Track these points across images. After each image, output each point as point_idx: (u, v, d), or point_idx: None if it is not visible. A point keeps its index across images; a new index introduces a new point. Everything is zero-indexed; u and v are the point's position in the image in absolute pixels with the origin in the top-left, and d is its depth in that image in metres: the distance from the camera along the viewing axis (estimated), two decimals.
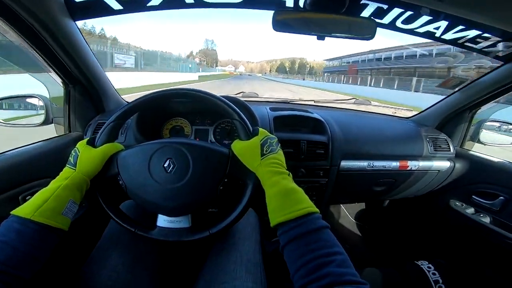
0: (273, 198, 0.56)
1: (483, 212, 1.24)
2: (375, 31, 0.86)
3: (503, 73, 1.03)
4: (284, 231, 0.51)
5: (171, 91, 0.73)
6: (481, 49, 0.93)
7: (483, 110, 1.27)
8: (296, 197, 0.54)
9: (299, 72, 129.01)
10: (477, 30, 0.85)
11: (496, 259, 1.20)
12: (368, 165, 1.18)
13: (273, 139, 0.67)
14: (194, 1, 0.90)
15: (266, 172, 0.59)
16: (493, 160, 1.24)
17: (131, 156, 0.67)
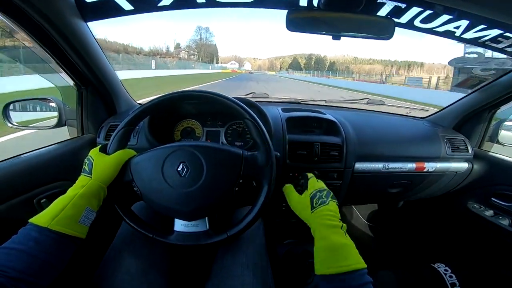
0: (321, 251, 0.58)
1: (502, 215, 1.21)
2: (393, 30, 0.85)
3: None
4: (328, 282, 0.53)
5: (180, 93, 0.73)
6: (503, 48, 0.91)
7: (502, 110, 1.24)
8: (344, 253, 0.56)
9: (317, 69, 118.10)
10: (499, 29, 0.83)
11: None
12: (383, 167, 1.16)
13: (323, 191, 0.71)
14: (206, 1, 0.90)
15: (317, 225, 0.63)
16: (510, 159, 1.22)
17: (144, 161, 0.68)
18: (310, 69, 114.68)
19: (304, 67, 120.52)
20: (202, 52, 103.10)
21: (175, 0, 0.89)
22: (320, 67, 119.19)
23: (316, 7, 0.87)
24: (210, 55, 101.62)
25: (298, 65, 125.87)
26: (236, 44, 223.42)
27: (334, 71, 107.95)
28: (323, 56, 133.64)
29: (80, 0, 0.84)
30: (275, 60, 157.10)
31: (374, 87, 26.30)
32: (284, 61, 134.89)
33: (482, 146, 1.33)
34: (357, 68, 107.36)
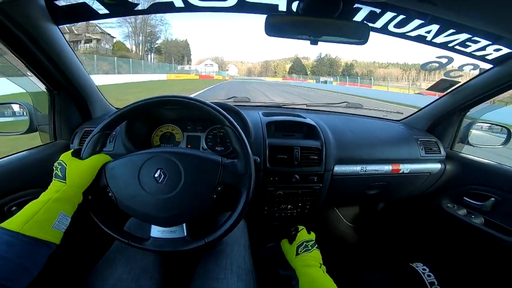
0: (304, 285, 0.71)
1: (475, 213, 1.23)
2: (368, 35, 0.85)
3: (493, 76, 1.03)
4: None
5: (159, 98, 0.71)
6: (471, 52, 0.93)
7: (472, 112, 1.27)
8: (324, 283, 0.69)
9: (330, 73, 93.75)
10: (467, 33, 0.84)
11: (489, 259, 1.20)
12: (361, 169, 1.16)
13: (310, 241, 0.86)
14: (184, 5, 0.87)
15: (300, 266, 0.78)
16: (483, 161, 1.25)
17: (119, 167, 0.66)
18: (320, 73, 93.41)
19: (312, 71, 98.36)
20: (170, 52, 77.89)
21: (153, 4, 0.86)
22: (334, 71, 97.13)
23: (295, 12, 0.87)
24: (180, 56, 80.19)
25: (303, 69, 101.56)
26: (218, 45, 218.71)
27: (352, 76, 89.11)
28: (335, 57, 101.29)
29: (51, 4, 0.79)
30: (265, 63, 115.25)
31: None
32: (278, 65, 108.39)
33: (454, 147, 1.35)
34: (381, 73, 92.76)
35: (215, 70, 78.02)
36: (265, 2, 0.87)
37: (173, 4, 0.86)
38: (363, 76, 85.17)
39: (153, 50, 69.15)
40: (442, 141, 1.32)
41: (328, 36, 0.88)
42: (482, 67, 1.06)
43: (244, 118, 1.05)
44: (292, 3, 0.85)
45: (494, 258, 1.17)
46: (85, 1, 0.81)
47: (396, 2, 0.74)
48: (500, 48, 0.89)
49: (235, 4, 0.87)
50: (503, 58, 0.94)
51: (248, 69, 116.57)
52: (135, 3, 0.83)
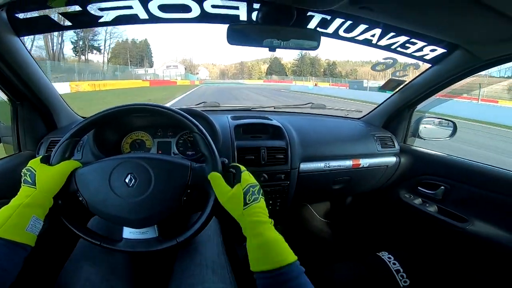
0: (255, 249, 0.57)
1: (429, 202, 1.33)
2: (319, 40, 0.91)
3: (432, 74, 1.15)
4: (264, 277, 0.54)
5: (127, 106, 0.72)
6: (411, 53, 1.03)
7: (419, 108, 1.39)
8: (277, 249, 0.56)
9: (313, 74, 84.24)
10: (405, 36, 0.93)
11: (446, 245, 1.29)
12: (324, 165, 1.23)
13: (255, 186, 0.67)
14: (149, 17, 0.89)
15: (249, 222, 0.61)
16: (432, 153, 1.36)
17: (90, 173, 0.67)
18: (302, 73, 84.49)
19: (292, 71, 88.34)
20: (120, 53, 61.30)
21: (117, 16, 0.87)
22: (316, 71, 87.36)
23: (255, 21, 0.92)
24: (139, 57, 65.64)
25: (282, 69, 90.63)
26: (186, 46, 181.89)
27: (335, 76, 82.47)
28: (315, 55, 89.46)
29: (13, 16, 0.79)
30: (239, 65, 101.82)
31: None
32: (255, 66, 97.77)
33: (407, 141, 1.47)
34: (358, 71, 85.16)
35: (181, 73, 59.79)
36: (227, 13, 0.92)
37: (137, 16, 0.88)
38: (347, 75, 79.98)
39: (89, 49, 52.19)
40: (396, 135, 1.43)
41: (285, 42, 0.93)
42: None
43: (212, 122, 1.08)
44: (252, 13, 0.90)
45: (450, 243, 1.26)
46: (47, 14, 0.81)
47: (341, 9, 0.81)
48: (435, 49, 1.00)
49: (198, 15, 0.91)
50: (439, 58, 1.05)
51: (221, 71, 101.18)
52: (98, 15, 0.84)
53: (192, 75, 65.31)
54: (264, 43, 0.94)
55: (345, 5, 0.74)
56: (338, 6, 0.74)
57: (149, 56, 68.47)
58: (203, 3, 0.85)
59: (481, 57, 0.94)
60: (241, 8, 0.89)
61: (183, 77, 51.61)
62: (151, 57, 70.32)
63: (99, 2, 0.80)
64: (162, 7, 0.85)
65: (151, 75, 42.74)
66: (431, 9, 0.73)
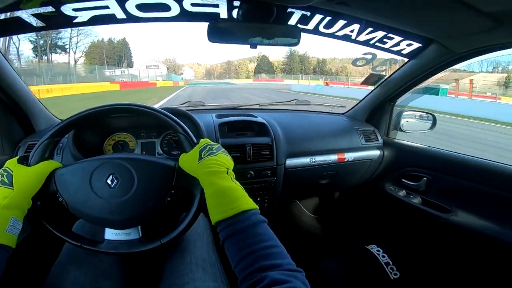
0: (210, 198, 0.56)
1: (413, 193, 1.37)
2: (300, 36, 0.93)
3: (409, 68, 1.18)
4: (223, 228, 0.52)
5: (108, 106, 0.71)
6: (389, 48, 1.06)
7: (401, 101, 1.42)
8: (233, 195, 0.55)
9: (302, 71, 79.55)
10: (382, 31, 0.96)
11: (432, 235, 1.32)
12: (310, 160, 1.25)
13: (214, 145, 0.67)
14: (127, 16, 0.87)
15: (203, 174, 0.60)
16: (414, 145, 1.40)
17: (70, 173, 0.65)
18: (292, 71, 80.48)
19: (281, 69, 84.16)
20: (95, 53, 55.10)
21: (93, 16, 0.85)
22: (306, 69, 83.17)
23: (236, 18, 0.92)
24: (117, 57, 59.57)
25: (271, 68, 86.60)
26: (170, 46, 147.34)
27: (326, 73, 78.58)
28: (304, 53, 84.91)
29: None
30: (225, 64, 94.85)
31: None
32: (241, 64, 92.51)
33: (389, 134, 1.51)
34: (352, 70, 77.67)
35: (163, 73, 54.35)
36: (207, 11, 0.91)
37: (115, 16, 0.86)
38: (337, 73, 76.64)
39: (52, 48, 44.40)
40: (379, 129, 1.47)
41: (266, 39, 0.95)
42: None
43: (196, 121, 1.08)
44: (232, 10, 0.90)
45: (436, 234, 1.30)
46: (19, 15, 0.78)
47: (319, 5, 0.83)
48: (411, 43, 1.03)
49: (178, 14, 0.90)
50: (415, 52, 1.09)
51: (207, 71, 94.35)
52: (73, 16, 0.82)
53: (175, 76, 59.18)
54: (245, 40, 0.96)
55: (322, 1, 0.76)
56: (316, 2, 0.76)
57: (128, 56, 63.50)
58: (182, 2, 0.85)
59: (455, 51, 0.98)
60: (221, 6, 0.89)
61: (165, 78, 45.77)
62: (131, 57, 65.39)
63: (73, 3, 0.77)
64: (140, 7, 0.84)
65: (128, 76, 38.00)
66: (406, 4, 0.76)
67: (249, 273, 0.44)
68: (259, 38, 0.95)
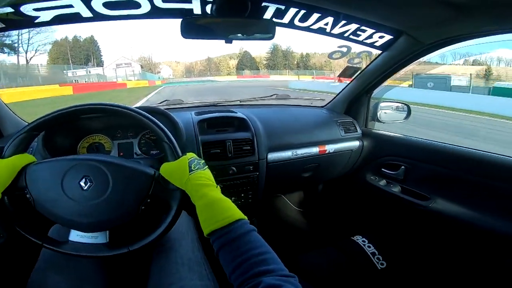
0: (203, 209, 0.58)
1: (393, 182, 1.42)
2: (274, 30, 0.94)
3: (382, 60, 1.23)
4: (216, 238, 0.53)
5: (80, 106, 0.68)
6: (363, 40, 1.08)
7: (377, 92, 1.47)
8: (223, 206, 0.57)
9: (286, 66, 76.76)
10: (355, 23, 0.99)
11: (413, 224, 1.37)
12: (292, 154, 1.26)
13: (201, 160, 0.69)
14: (93, 15, 0.85)
15: (195, 186, 0.61)
16: (391, 134, 1.46)
17: (42, 170, 0.63)
18: (276, 67, 77.09)
19: (265, 65, 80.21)
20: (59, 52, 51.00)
21: (57, 16, 0.82)
22: (290, 64, 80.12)
23: (210, 14, 0.91)
24: (84, 56, 54.10)
25: (254, 64, 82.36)
26: (145, 44, 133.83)
27: (310, 68, 75.28)
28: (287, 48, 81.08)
29: None
30: (205, 61, 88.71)
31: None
32: (222, 61, 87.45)
33: (368, 125, 1.56)
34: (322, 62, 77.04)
35: (136, 72, 47.80)
36: (180, 7, 0.89)
37: (80, 14, 0.84)
38: (321, 67, 76.42)
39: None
40: (358, 120, 1.51)
41: (241, 34, 0.95)
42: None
43: (174, 119, 1.06)
44: (206, 6, 0.89)
45: (417, 222, 1.34)
46: None
47: None
48: (383, 35, 1.06)
49: (149, 11, 0.88)
50: (387, 44, 1.13)
51: (186, 68, 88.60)
52: (34, 15, 0.78)
53: (152, 75, 54.34)
54: (220, 35, 0.96)
55: None
56: None
57: (97, 55, 59.30)
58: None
59: (423, 42, 1.02)
60: (194, 1, 0.88)
61: (140, 77, 41.05)
62: (100, 56, 60.80)
63: (33, 3, 0.73)
64: (107, 4, 0.82)
65: (94, 76, 34.08)
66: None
67: (244, 280, 0.45)
68: (234, 33, 0.95)
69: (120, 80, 31.42)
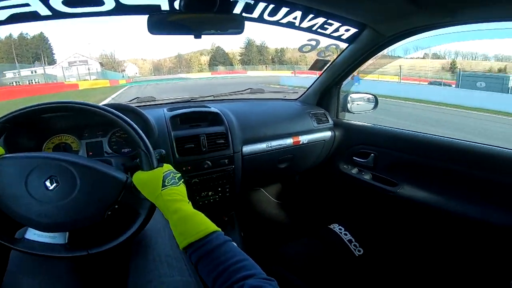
0: (177, 223, 0.58)
1: (364, 170, 1.49)
2: (243, 25, 0.96)
3: (348, 53, 1.29)
4: (193, 251, 0.54)
5: (43, 105, 0.65)
6: (330, 34, 1.13)
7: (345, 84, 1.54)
8: (198, 220, 0.58)
9: (261, 61, 74.64)
10: (322, 17, 1.04)
11: (385, 210, 1.43)
12: (266, 146, 1.30)
13: (177, 173, 0.68)
14: (52, 13, 0.80)
15: (167, 201, 0.61)
16: (361, 124, 1.53)
17: (7, 165, 0.60)
18: (252, 62, 74.71)
19: (240, 60, 76.82)
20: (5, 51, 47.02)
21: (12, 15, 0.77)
22: (265, 59, 77.63)
23: (178, 9, 0.90)
24: (33, 55, 48.32)
25: (227, 60, 78.74)
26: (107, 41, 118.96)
27: (285, 63, 73.95)
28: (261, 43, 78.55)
29: None
30: (174, 58, 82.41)
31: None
32: (193, 58, 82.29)
33: (339, 116, 1.63)
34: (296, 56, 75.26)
35: (94, 71, 41.76)
36: (147, 3, 0.88)
37: (38, 13, 0.79)
38: (297, 62, 75.28)
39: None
40: (329, 111, 1.58)
41: (209, 30, 0.95)
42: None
43: (144, 116, 1.04)
44: (174, 1, 0.88)
45: (388, 207, 1.40)
46: None
47: None
48: (349, 29, 1.12)
49: (113, 8, 0.85)
50: (353, 37, 1.19)
51: (154, 66, 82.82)
52: None
53: (114, 73, 48.46)
54: (189, 31, 0.96)
55: None
56: None
57: (49, 53, 54.38)
58: None
59: (384, 34, 1.10)
60: None
61: (99, 76, 35.90)
62: (52, 54, 55.82)
63: None
64: (67, 2, 0.79)
65: (41, 76, 30.12)
66: None
67: (227, 287, 0.47)
68: (203, 28, 0.95)
69: (74, 80, 28.01)
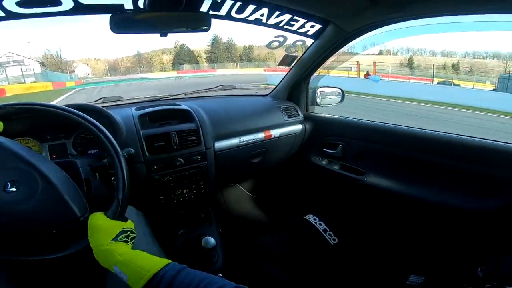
0: (126, 264, 0.55)
1: (334, 161, 1.56)
2: (210, 22, 0.97)
3: (315, 48, 1.34)
4: (154, 285, 0.51)
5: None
6: (297, 30, 1.17)
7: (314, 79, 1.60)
8: (146, 257, 0.57)
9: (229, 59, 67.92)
10: (288, 14, 1.07)
11: (354, 198, 1.49)
12: (238, 141, 1.32)
13: (134, 234, 0.67)
14: (5, 14, 0.76)
15: (113, 250, 0.58)
16: (329, 116, 1.61)
17: None
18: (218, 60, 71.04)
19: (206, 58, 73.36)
20: None
21: None
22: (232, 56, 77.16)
23: (143, 8, 0.89)
24: None
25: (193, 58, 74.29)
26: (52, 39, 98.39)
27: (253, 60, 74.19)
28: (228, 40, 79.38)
29: None
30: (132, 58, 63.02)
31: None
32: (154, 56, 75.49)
33: (309, 109, 1.69)
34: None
35: (31, 72, 28.58)
36: (109, 2, 0.85)
37: None
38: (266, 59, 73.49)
39: None
40: (299, 105, 1.64)
41: (175, 28, 0.96)
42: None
43: (111, 116, 1.02)
44: (138, 0, 0.86)
45: (357, 195, 1.47)
46: None
47: None
48: (314, 25, 1.16)
49: (72, 8, 0.81)
50: (318, 33, 1.24)
51: (110, 66, 73.07)
52: None
53: (59, 74, 39.27)
54: (154, 29, 0.95)
55: None
56: None
57: None
58: None
59: (346, 30, 1.16)
60: None
61: (38, 78, 26.87)
62: None
63: None
64: (21, 3, 0.74)
65: None
66: None
67: None
68: (169, 26, 0.95)
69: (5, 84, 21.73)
